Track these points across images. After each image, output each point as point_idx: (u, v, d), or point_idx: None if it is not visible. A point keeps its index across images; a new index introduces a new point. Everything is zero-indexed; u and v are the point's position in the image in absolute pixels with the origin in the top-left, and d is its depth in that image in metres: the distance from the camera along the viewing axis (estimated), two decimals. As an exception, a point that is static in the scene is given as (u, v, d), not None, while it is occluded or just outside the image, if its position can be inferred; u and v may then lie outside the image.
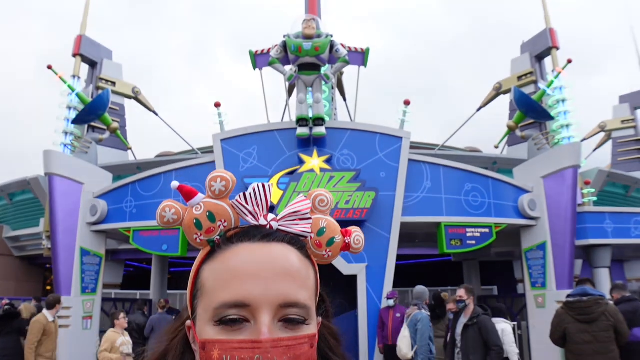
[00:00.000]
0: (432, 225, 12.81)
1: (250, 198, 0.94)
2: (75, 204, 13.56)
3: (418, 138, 16.98)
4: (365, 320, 11.91)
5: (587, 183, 16.63)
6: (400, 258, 13.30)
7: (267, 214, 0.94)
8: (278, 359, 0.80)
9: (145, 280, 19.29)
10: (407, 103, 13.44)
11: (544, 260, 13.08)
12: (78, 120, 15.77)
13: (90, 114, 15.23)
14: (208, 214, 0.96)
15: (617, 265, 19.48)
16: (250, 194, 0.94)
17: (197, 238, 0.97)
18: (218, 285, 0.87)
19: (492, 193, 13.10)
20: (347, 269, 11.92)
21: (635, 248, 15.62)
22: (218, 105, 13.97)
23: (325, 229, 1.02)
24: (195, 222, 0.96)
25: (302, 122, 12.63)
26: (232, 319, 0.83)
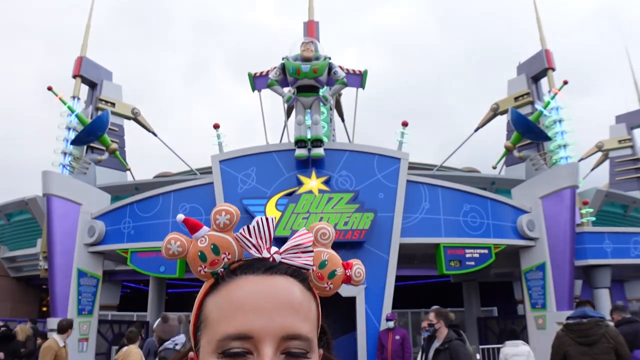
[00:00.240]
0: (430, 246, 12.79)
1: (254, 231, 0.95)
2: (73, 225, 13.53)
3: (416, 158, 17.07)
4: (365, 343, 11.81)
5: (585, 203, 16.66)
6: (399, 279, 13.25)
7: (270, 247, 0.95)
8: None
9: (143, 302, 19.13)
10: (405, 124, 13.53)
11: (544, 281, 13.04)
12: (77, 141, 15.82)
13: (90, 135, 15.29)
14: (212, 247, 0.98)
15: (617, 286, 19.40)
16: (254, 227, 0.96)
17: (201, 270, 0.98)
18: (221, 318, 0.88)
19: (490, 214, 13.12)
20: (345, 291, 11.86)
21: (635, 268, 15.58)
22: (217, 127, 14.05)
23: (327, 262, 1.03)
24: (200, 254, 0.98)
25: (300, 143, 12.70)
26: (235, 352, 0.83)
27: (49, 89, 14.64)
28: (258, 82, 14.00)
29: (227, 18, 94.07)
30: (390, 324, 11.07)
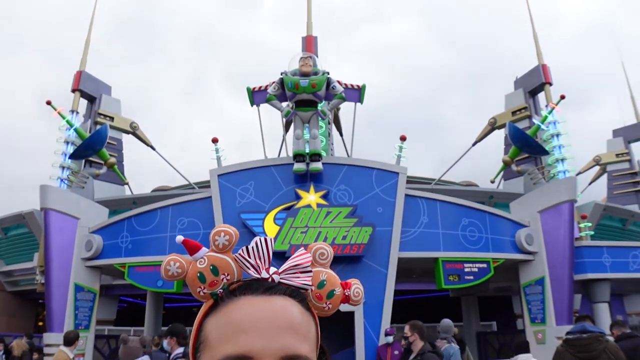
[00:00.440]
0: (429, 261, 12.76)
1: (253, 251, 0.96)
2: (71, 239, 13.49)
3: (414, 172, 17.09)
4: (363, 358, 11.72)
5: (583, 217, 16.68)
6: (398, 293, 13.20)
7: (269, 267, 0.96)
8: None
9: (140, 317, 19.00)
10: (403, 139, 13.58)
11: (543, 296, 13.00)
12: (76, 155, 15.83)
13: (88, 149, 15.31)
14: (212, 268, 0.98)
15: (616, 300, 19.36)
16: (253, 248, 0.96)
17: (200, 291, 0.98)
18: (221, 339, 0.88)
19: (489, 228, 13.11)
20: (344, 306, 11.77)
21: (635, 282, 15.56)
22: (215, 141, 14.07)
23: (326, 282, 1.04)
24: (199, 275, 0.98)
25: (299, 157, 12.72)
26: None
27: (48, 103, 14.68)
28: (257, 96, 14.06)
29: (225, 33, 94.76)
30: (389, 339, 10.99)
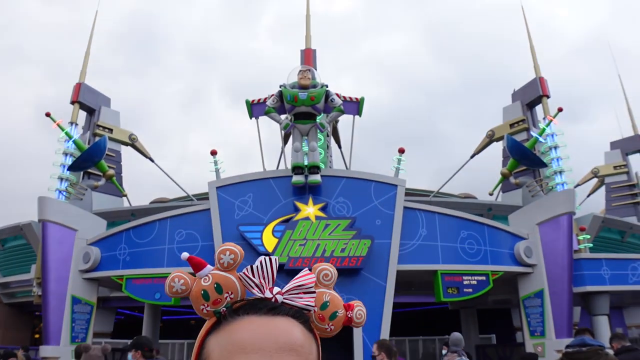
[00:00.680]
0: (428, 273, 12.73)
1: (257, 271, 0.96)
2: (68, 251, 13.44)
3: (412, 185, 17.05)
4: (362, 371, 11.65)
5: (582, 229, 16.67)
6: (397, 306, 13.15)
7: (272, 287, 0.96)
8: None
9: (137, 329, 18.86)
10: (401, 151, 13.60)
11: (542, 308, 12.96)
12: (74, 167, 15.82)
13: (87, 161, 15.30)
14: (216, 286, 0.98)
15: (616, 312, 19.28)
16: (257, 267, 0.96)
17: (204, 309, 0.98)
18: (223, 357, 0.88)
19: (487, 240, 13.10)
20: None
21: (634, 294, 15.52)
22: (214, 153, 14.08)
23: (329, 303, 1.04)
24: (203, 293, 0.98)
25: (297, 169, 12.73)
26: None
27: (47, 115, 14.69)
28: (256, 109, 14.09)
29: (224, 46, 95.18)
30: (388, 353, 10.92)
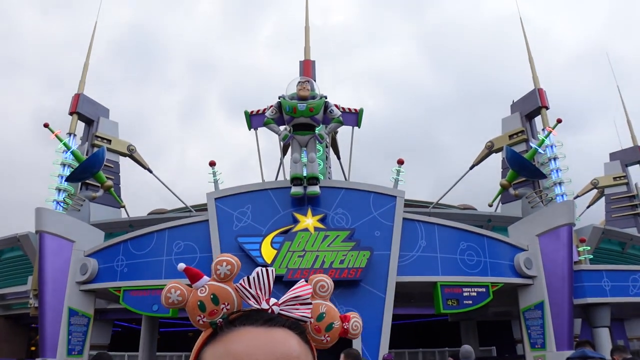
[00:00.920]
0: (427, 285, 12.67)
1: (254, 282, 0.94)
2: (65, 262, 13.38)
3: (411, 196, 17.09)
4: (361, 384, 11.55)
5: (582, 240, 16.65)
6: (396, 318, 13.08)
7: (269, 298, 0.94)
8: None
9: (134, 341, 18.74)
10: (400, 162, 13.61)
11: (543, 320, 12.90)
12: (72, 178, 15.79)
13: (85, 172, 15.29)
14: (212, 297, 0.97)
15: (617, 324, 19.19)
16: (254, 278, 0.95)
17: (200, 320, 0.97)
18: None
19: (487, 252, 13.07)
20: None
21: (635, 306, 15.45)
22: (213, 164, 14.08)
23: (325, 315, 1.03)
24: (199, 304, 0.97)
25: (296, 181, 12.73)
26: None
27: (46, 126, 14.70)
28: (254, 120, 14.12)
29: (223, 57, 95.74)
30: (387, 365, 10.85)
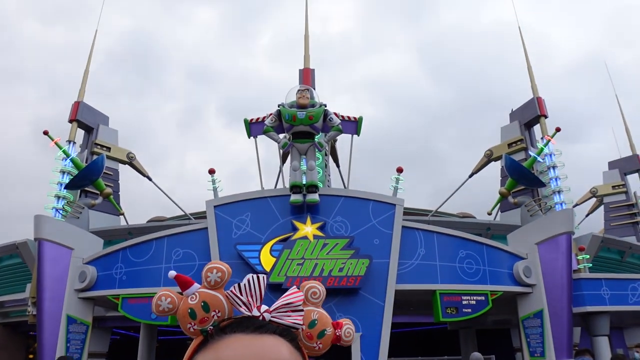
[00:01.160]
0: (427, 293, 12.63)
1: (245, 289, 0.95)
2: (64, 270, 13.33)
3: (410, 204, 17.05)
4: (360, 393, 11.49)
5: (581, 249, 16.62)
6: (395, 326, 13.03)
7: (260, 305, 0.94)
8: None
9: (133, 349, 18.64)
10: (399, 170, 13.61)
11: (542, 329, 12.84)
12: (72, 185, 15.79)
13: (85, 179, 15.28)
14: (203, 304, 0.97)
15: (616, 333, 19.11)
16: (245, 285, 0.95)
17: (190, 327, 0.97)
18: None
19: (486, 260, 13.04)
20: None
21: (635, 315, 15.39)
22: (212, 172, 14.08)
23: (317, 321, 1.03)
24: (190, 311, 0.97)
25: (295, 189, 12.72)
26: None
27: (45, 133, 14.71)
28: (254, 128, 14.14)
29: (222, 65, 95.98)
30: (386, 374, 10.81)
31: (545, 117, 19.43)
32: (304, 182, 12.80)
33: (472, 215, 22.97)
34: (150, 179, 20.03)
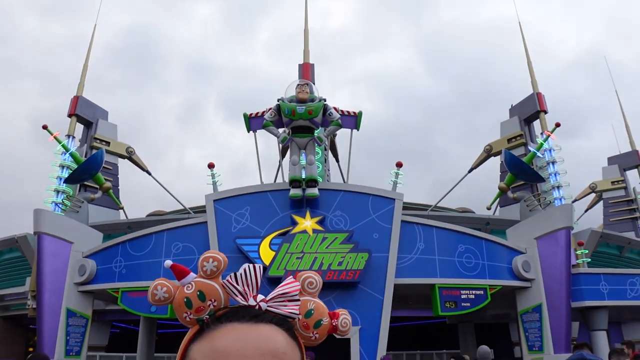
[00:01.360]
0: (426, 287, 12.66)
1: (241, 278, 0.95)
2: (64, 264, 13.35)
3: (409, 199, 17.05)
4: (359, 386, 11.54)
5: (580, 244, 16.62)
6: (394, 320, 13.07)
7: (256, 295, 0.94)
8: None
9: (132, 342, 18.69)
10: (399, 165, 13.61)
11: (540, 323, 12.88)
12: (71, 180, 15.79)
13: (84, 174, 15.28)
14: (199, 293, 0.97)
15: (614, 328, 19.16)
16: (241, 275, 0.95)
17: (186, 317, 0.97)
18: None
19: (485, 254, 13.06)
20: (339, 332, 11.65)
21: (633, 310, 15.42)
22: (212, 166, 14.07)
23: (313, 311, 1.04)
24: (186, 300, 0.97)
25: (295, 183, 12.72)
26: None
27: (44, 128, 14.69)
28: (253, 122, 14.12)
29: (221, 60, 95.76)
30: (384, 367, 10.85)
31: (545, 112, 19.40)
32: (304, 176, 12.80)
33: (471, 210, 22.98)
34: (150, 174, 20.02)
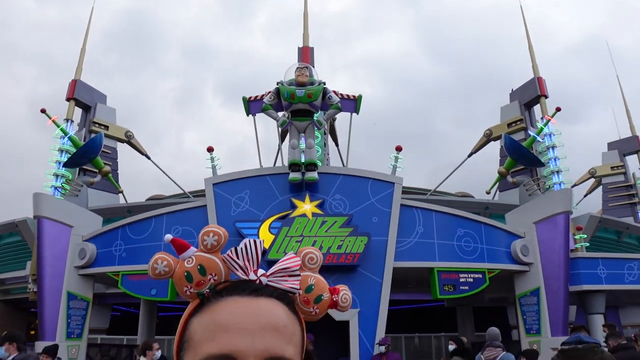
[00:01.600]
0: (424, 271, 12.73)
1: (241, 253, 0.95)
2: (64, 247, 13.40)
3: (409, 183, 17.07)
4: (358, 368, 11.65)
5: (579, 229, 16.68)
6: (393, 303, 13.15)
7: (257, 269, 0.94)
8: None
9: (133, 325, 18.84)
10: (398, 149, 13.59)
11: (538, 307, 12.98)
12: (70, 164, 15.76)
13: (83, 157, 15.25)
14: (199, 267, 0.97)
15: (611, 312, 19.33)
16: (242, 249, 0.95)
17: (187, 290, 0.98)
18: (205, 338, 0.86)
19: (484, 238, 13.10)
20: (339, 315, 11.71)
21: (630, 294, 15.55)
22: (211, 150, 14.04)
23: (314, 286, 1.04)
24: (186, 274, 0.97)
25: (294, 167, 12.71)
26: None
27: (43, 111, 14.63)
28: (252, 106, 14.07)
29: (219, 43, 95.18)
30: (382, 349, 10.94)
31: (546, 97, 19.31)
32: (303, 160, 12.78)
33: (470, 195, 23.01)
34: (149, 157, 19.99)
